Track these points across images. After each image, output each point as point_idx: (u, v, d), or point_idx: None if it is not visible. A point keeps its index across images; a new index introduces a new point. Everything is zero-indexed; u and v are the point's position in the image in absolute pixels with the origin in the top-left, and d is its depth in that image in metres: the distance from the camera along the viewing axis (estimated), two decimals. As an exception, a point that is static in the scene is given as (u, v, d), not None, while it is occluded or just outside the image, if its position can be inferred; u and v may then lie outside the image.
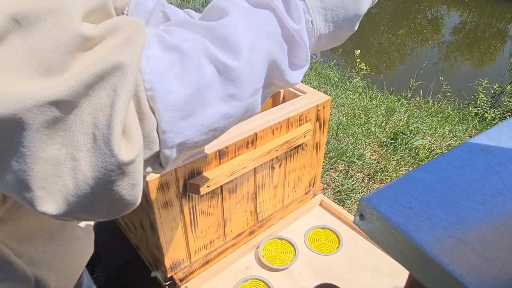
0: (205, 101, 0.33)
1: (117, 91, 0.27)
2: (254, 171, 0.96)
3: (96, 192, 0.28)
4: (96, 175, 0.28)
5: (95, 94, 0.26)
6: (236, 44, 0.33)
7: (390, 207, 0.28)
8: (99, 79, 0.26)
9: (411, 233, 0.26)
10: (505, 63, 5.15)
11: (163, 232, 0.85)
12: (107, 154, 0.27)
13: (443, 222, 0.27)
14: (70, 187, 0.28)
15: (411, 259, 0.26)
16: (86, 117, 0.27)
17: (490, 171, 0.31)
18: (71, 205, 0.29)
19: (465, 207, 0.28)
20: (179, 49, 0.31)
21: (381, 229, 0.28)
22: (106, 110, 0.27)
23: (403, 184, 0.31)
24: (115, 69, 0.27)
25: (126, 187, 0.29)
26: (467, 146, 0.35)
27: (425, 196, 0.29)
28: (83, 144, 0.27)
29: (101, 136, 0.27)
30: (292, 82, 0.40)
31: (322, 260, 1.07)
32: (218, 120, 0.34)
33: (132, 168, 0.29)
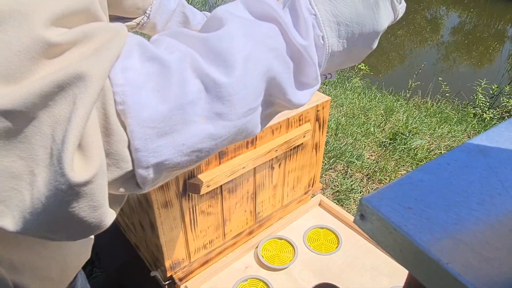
0: (188, 118, 0.29)
1: (76, 103, 0.24)
2: (254, 171, 0.96)
3: (50, 212, 0.26)
4: (49, 194, 0.25)
5: (55, 105, 0.24)
6: (229, 57, 0.30)
7: (390, 207, 0.29)
8: (59, 89, 0.24)
9: (410, 233, 0.27)
10: (503, 64, 5.17)
11: (162, 232, 0.85)
12: (58, 173, 0.25)
13: (442, 222, 0.27)
14: (27, 203, 0.26)
15: (411, 258, 0.27)
16: (46, 129, 0.24)
17: (489, 172, 0.32)
18: (28, 222, 0.26)
19: (464, 208, 0.29)
20: (161, 60, 0.28)
21: (381, 229, 0.28)
22: (64, 123, 0.24)
23: (402, 184, 0.31)
24: (77, 79, 0.24)
25: (84, 209, 0.27)
26: (466, 146, 0.35)
27: (424, 196, 0.30)
28: (41, 158, 0.25)
29: (56, 152, 0.25)
30: (296, 103, 0.36)
31: (321, 260, 1.07)
32: (202, 140, 0.31)
33: (89, 190, 0.26)
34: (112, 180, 0.29)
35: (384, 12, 0.36)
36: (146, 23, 0.78)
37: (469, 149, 0.34)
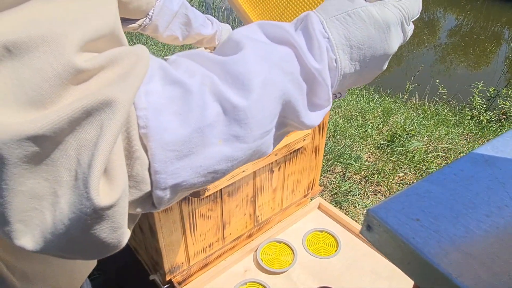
0: (206, 141, 0.30)
1: (103, 129, 0.25)
2: (254, 175, 0.96)
3: (72, 233, 0.26)
4: (73, 216, 0.26)
5: (82, 130, 0.25)
6: (247, 81, 0.31)
7: (398, 219, 0.29)
8: (86, 114, 0.24)
9: (419, 246, 0.26)
10: (500, 66, 5.20)
11: (162, 236, 0.85)
12: (83, 196, 0.25)
13: (451, 235, 0.27)
14: (48, 223, 0.26)
15: (419, 271, 0.27)
16: (71, 153, 0.25)
17: (496, 183, 0.32)
18: (48, 242, 0.27)
19: (471, 220, 0.29)
20: (183, 84, 0.29)
21: (389, 241, 0.28)
22: (90, 147, 0.25)
23: (409, 195, 0.31)
24: (104, 105, 0.25)
25: (105, 230, 0.27)
26: (472, 156, 0.35)
27: (432, 208, 0.30)
28: (65, 180, 0.25)
29: (82, 175, 0.25)
30: (309, 125, 0.36)
31: (321, 263, 1.07)
32: (219, 162, 0.31)
33: (111, 213, 0.26)
34: (131, 201, 0.29)
35: (395, 35, 0.37)
36: (148, 25, 0.78)
37: (474, 159, 0.34)
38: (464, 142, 2.77)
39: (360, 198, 2.09)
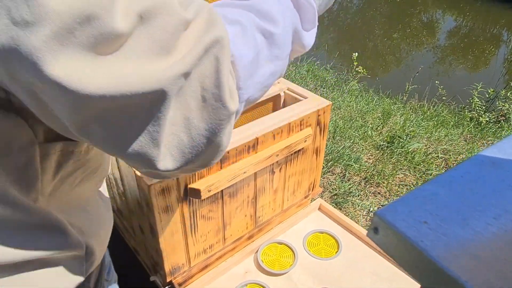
0: (260, 62, 0.41)
1: (219, 59, 0.33)
2: (255, 176, 0.96)
3: (208, 139, 0.36)
4: (210, 126, 0.35)
5: (201, 64, 0.32)
6: (273, 16, 0.41)
7: (405, 222, 0.28)
8: (205, 52, 0.32)
9: (427, 249, 0.26)
10: (499, 68, 5.21)
11: (163, 237, 0.85)
12: (219, 108, 0.34)
13: (459, 238, 0.27)
14: (185, 142, 0.35)
15: (427, 275, 0.26)
16: (195, 83, 0.33)
17: (503, 185, 0.31)
18: (186, 156, 0.36)
19: (479, 222, 0.28)
20: (240, 22, 0.39)
21: (396, 244, 0.28)
22: (212, 75, 0.33)
23: (416, 198, 0.31)
24: (215, 43, 0.33)
25: (227, 133, 0.37)
26: (478, 158, 0.35)
27: (439, 210, 0.29)
28: (193, 105, 0.33)
29: (211, 96, 0.34)
30: (307, 45, 0.48)
31: (321, 265, 1.07)
32: (268, 77, 0.43)
33: (233, 118, 0.37)
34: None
35: None
36: None
37: (481, 161, 0.34)
38: (464, 143, 2.77)
39: (360, 199, 2.09)
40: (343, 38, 6.45)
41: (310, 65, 4.21)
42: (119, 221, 1.17)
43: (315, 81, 3.76)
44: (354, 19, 7.46)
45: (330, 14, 7.91)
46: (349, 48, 5.68)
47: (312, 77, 3.84)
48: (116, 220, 1.21)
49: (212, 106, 0.34)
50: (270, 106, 1.12)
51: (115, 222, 1.24)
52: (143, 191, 0.79)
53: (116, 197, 1.07)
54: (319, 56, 4.63)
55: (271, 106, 1.13)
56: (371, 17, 7.34)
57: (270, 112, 1.11)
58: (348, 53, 5.12)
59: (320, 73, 4.05)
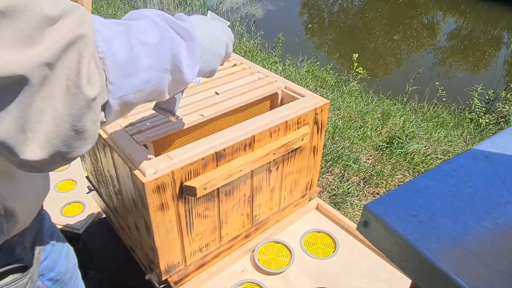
0: (137, 68, 0.47)
1: (82, 53, 0.38)
2: (251, 174, 0.95)
3: (71, 126, 0.39)
4: (71, 111, 0.38)
5: (65, 57, 0.37)
6: (148, 31, 0.49)
7: (396, 215, 0.28)
8: (68, 46, 0.37)
9: (417, 242, 0.26)
10: (499, 69, 5.20)
11: (158, 235, 0.84)
12: (78, 94, 0.38)
13: (450, 231, 0.27)
14: (51, 129, 0.38)
15: (417, 268, 0.26)
16: (60, 74, 0.37)
17: (496, 179, 0.31)
18: (53, 144, 0.39)
19: (471, 216, 0.28)
20: (116, 29, 0.45)
21: (386, 238, 0.27)
22: (75, 66, 0.38)
23: (408, 191, 0.30)
24: (79, 39, 0.38)
25: (90, 120, 0.41)
26: (472, 152, 0.34)
27: (430, 204, 0.29)
28: (58, 94, 0.37)
29: (72, 84, 0.38)
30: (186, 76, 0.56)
31: (318, 264, 1.06)
32: (143, 83, 0.49)
33: (94, 104, 0.41)
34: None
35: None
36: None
37: (474, 155, 0.34)
38: (463, 144, 2.76)
39: (359, 200, 2.09)
40: (343, 39, 6.45)
41: (310, 65, 4.20)
42: (115, 219, 1.16)
43: (315, 82, 3.76)
44: (354, 20, 7.46)
45: (330, 15, 7.91)
46: (349, 49, 5.68)
47: (312, 78, 3.84)
48: (112, 218, 1.20)
49: (73, 93, 0.38)
50: (267, 104, 1.12)
51: (112, 221, 1.24)
52: (138, 189, 0.79)
53: (111, 195, 1.06)
54: (319, 56, 4.63)
55: (268, 105, 1.12)
56: (372, 18, 7.34)
57: (268, 110, 1.11)
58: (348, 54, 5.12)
59: (320, 73, 4.05)
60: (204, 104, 0.99)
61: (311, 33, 6.65)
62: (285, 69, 3.93)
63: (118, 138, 0.86)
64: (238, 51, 4.34)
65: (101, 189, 1.17)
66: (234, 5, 6.31)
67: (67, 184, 1.84)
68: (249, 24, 5.28)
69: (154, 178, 0.76)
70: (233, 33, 0.77)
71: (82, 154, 0.43)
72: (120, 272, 1.30)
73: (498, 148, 0.33)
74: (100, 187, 1.17)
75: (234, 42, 4.79)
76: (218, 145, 0.84)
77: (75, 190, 1.80)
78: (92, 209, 1.69)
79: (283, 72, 3.80)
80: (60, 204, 1.72)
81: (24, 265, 0.57)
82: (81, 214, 1.68)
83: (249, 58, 4.13)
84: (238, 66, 1.22)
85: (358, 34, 6.55)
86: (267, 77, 1.15)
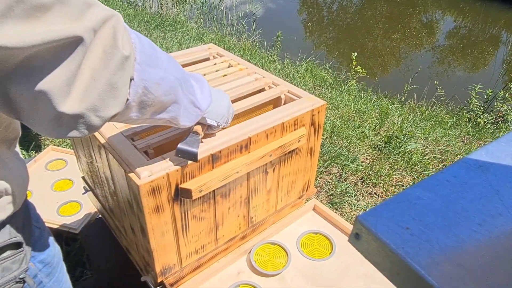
0: (158, 64, 0.57)
1: (115, 26, 0.47)
2: (248, 176, 0.95)
3: (107, 80, 0.47)
4: (107, 69, 0.47)
5: (104, 27, 0.46)
6: (159, 55, 0.59)
7: (387, 227, 0.27)
8: (105, 20, 0.46)
9: (408, 256, 0.25)
10: (497, 69, 5.20)
11: (154, 237, 0.84)
12: (114, 53, 0.47)
13: (442, 245, 0.26)
14: (90, 83, 0.46)
15: (408, 283, 0.25)
16: (100, 39, 0.46)
17: (490, 190, 0.30)
18: (89, 98, 0.46)
19: (464, 228, 0.28)
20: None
21: (377, 250, 0.27)
22: (111, 34, 0.47)
23: (400, 202, 0.30)
24: (113, 16, 0.48)
25: (121, 80, 0.49)
26: (466, 162, 0.34)
27: (423, 215, 0.28)
28: (98, 54, 0.46)
29: (109, 47, 0.47)
30: (199, 105, 0.71)
31: (315, 266, 1.06)
32: (161, 79, 0.57)
33: (127, 65, 0.49)
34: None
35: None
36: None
37: (468, 164, 0.33)
38: (461, 144, 2.76)
39: (356, 200, 2.08)
40: (342, 37, 6.44)
41: (309, 64, 4.20)
42: (111, 220, 1.16)
43: (313, 80, 3.75)
44: (353, 18, 7.45)
45: (329, 13, 7.89)
46: (348, 47, 5.67)
47: (310, 76, 3.83)
48: (108, 219, 1.20)
49: (110, 53, 0.47)
50: (270, 108, 1.11)
51: (108, 222, 1.24)
52: (133, 191, 0.78)
53: (107, 196, 1.06)
54: (318, 55, 4.62)
55: (271, 109, 1.12)
56: (371, 17, 7.33)
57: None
58: (347, 52, 5.11)
59: (319, 72, 4.04)
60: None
61: (310, 32, 6.64)
62: (284, 68, 3.92)
63: (113, 140, 0.86)
64: (237, 50, 4.32)
65: (97, 190, 1.16)
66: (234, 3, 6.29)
67: (64, 183, 1.83)
68: (248, 22, 5.27)
69: (149, 181, 0.75)
70: (232, 31, 0.86)
71: (111, 116, 0.50)
72: (117, 272, 1.29)
73: (492, 157, 0.33)
74: (96, 188, 1.16)
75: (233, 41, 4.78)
76: (214, 147, 0.84)
77: (71, 189, 1.80)
78: (89, 209, 1.69)
79: (281, 70, 3.79)
80: (56, 204, 1.71)
81: (19, 242, 0.62)
82: (77, 214, 1.68)
83: (247, 56, 4.12)
84: (241, 68, 1.21)
85: (357, 33, 6.54)
86: (270, 81, 1.14)
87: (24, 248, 0.64)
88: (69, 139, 2.02)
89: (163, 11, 5.59)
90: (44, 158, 1.97)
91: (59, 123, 0.46)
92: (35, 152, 2.19)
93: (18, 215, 0.64)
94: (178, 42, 4.25)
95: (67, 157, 1.98)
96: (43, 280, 0.71)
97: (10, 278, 0.60)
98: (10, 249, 0.61)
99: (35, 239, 0.70)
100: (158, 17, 5.25)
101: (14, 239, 0.61)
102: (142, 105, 0.56)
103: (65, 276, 0.82)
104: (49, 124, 0.46)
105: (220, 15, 5.70)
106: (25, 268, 0.63)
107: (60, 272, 0.79)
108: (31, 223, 0.70)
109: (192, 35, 4.62)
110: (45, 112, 0.44)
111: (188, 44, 4.20)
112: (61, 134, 0.48)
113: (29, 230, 0.68)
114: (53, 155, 2.00)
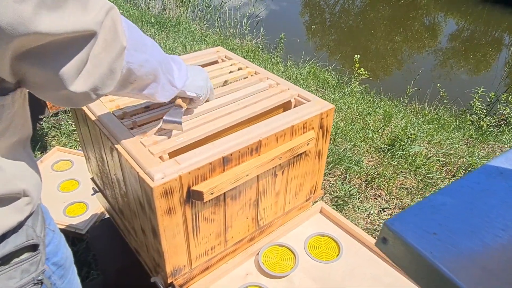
0: (143, 49, 0.64)
1: (114, 18, 0.54)
2: (257, 178, 0.96)
3: (108, 65, 0.56)
4: (109, 57, 0.55)
5: (106, 19, 0.53)
6: (144, 38, 0.67)
7: (414, 233, 0.28)
8: (107, 12, 0.53)
9: (437, 260, 0.26)
10: (500, 71, 5.21)
11: (165, 238, 0.84)
12: (116, 43, 0.55)
13: (469, 249, 0.27)
14: (93, 68, 0.54)
15: (435, 285, 0.26)
16: (103, 31, 0.53)
17: (511, 196, 0.31)
18: (92, 80, 0.54)
19: (488, 234, 0.28)
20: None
21: (405, 255, 0.28)
22: (113, 26, 0.54)
23: (424, 208, 0.31)
24: (112, 8, 0.54)
25: (119, 65, 0.58)
26: (486, 169, 0.35)
27: (448, 221, 0.29)
28: (102, 43, 0.53)
29: (111, 38, 0.54)
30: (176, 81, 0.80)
31: (322, 268, 1.07)
32: (145, 62, 0.65)
33: (124, 54, 0.58)
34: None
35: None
36: None
37: (489, 171, 0.34)
38: (464, 147, 2.77)
39: (361, 202, 2.09)
40: (345, 40, 6.45)
41: (311, 66, 4.21)
42: (120, 221, 1.17)
43: (316, 82, 3.76)
44: (356, 21, 7.46)
45: (332, 16, 7.90)
46: (351, 50, 5.68)
47: (313, 78, 3.84)
48: (117, 220, 1.21)
49: (112, 42, 0.54)
50: (280, 111, 1.12)
51: (117, 223, 1.24)
52: (146, 193, 0.79)
53: (117, 197, 1.07)
54: (321, 57, 4.63)
55: (281, 112, 1.12)
56: (373, 19, 7.34)
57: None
58: (350, 55, 5.12)
59: (322, 74, 4.05)
60: (219, 113, 0.99)
61: (313, 34, 6.65)
62: (287, 70, 3.93)
63: (126, 142, 0.87)
64: (240, 52, 4.34)
65: (107, 191, 1.17)
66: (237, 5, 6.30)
67: (70, 184, 1.84)
68: (251, 24, 5.28)
69: (162, 183, 0.76)
70: (236, 33, 0.93)
71: (106, 94, 0.59)
72: (123, 273, 1.30)
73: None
74: (106, 189, 1.17)
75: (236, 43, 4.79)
76: (225, 149, 0.85)
77: (78, 190, 1.81)
78: (95, 210, 1.70)
79: (284, 72, 3.80)
80: (63, 204, 1.72)
81: (36, 244, 0.64)
82: (84, 214, 1.69)
83: (251, 58, 4.13)
84: (250, 73, 1.22)
85: (359, 35, 6.55)
86: (279, 84, 1.15)
87: (40, 249, 0.65)
88: (79, 139, 2.02)
89: (166, 12, 5.61)
90: (50, 159, 1.98)
91: (63, 97, 0.54)
92: (40, 152, 2.20)
93: (34, 217, 0.65)
94: (182, 43, 4.27)
95: (73, 158, 1.99)
96: (56, 282, 0.73)
97: (29, 280, 0.61)
98: (27, 251, 0.62)
99: (48, 241, 0.71)
100: (161, 18, 5.27)
101: (31, 241, 0.62)
102: (124, 83, 0.64)
103: (76, 278, 0.83)
104: (54, 96, 0.54)
105: (223, 17, 5.72)
106: (42, 270, 0.64)
107: (72, 274, 0.80)
108: (45, 225, 0.71)
109: (195, 37, 4.63)
110: (53, 89, 0.52)
111: (192, 46, 4.22)
112: (62, 104, 0.56)
113: (43, 232, 0.69)
114: (59, 156, 2.01)
